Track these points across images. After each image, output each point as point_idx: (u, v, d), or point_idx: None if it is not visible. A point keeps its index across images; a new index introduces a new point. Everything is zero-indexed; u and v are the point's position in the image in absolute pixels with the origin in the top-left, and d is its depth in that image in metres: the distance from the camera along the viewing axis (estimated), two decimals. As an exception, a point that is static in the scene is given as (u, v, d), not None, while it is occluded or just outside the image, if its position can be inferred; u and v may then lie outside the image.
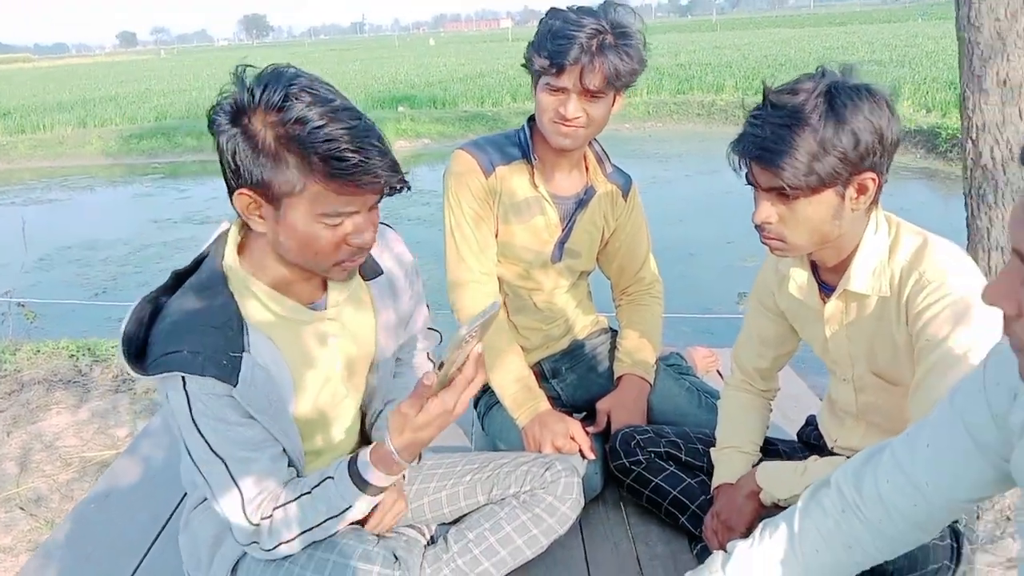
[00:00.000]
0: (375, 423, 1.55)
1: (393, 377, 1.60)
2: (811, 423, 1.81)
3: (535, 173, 1.93)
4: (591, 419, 2.06)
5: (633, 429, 1.87)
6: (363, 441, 1.57)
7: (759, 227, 1.36)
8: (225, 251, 1.31)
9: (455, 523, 1.60)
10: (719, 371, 2.67)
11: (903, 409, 1.39)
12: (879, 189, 1.33)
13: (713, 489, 1.69)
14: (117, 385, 3.73)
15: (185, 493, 1.67)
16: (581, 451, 1.88)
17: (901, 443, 1.09)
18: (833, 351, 1.52)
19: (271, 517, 1.32)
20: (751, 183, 1.35)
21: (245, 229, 1.32)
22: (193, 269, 1.33)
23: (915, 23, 36.77)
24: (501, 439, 2.01)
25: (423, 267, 1.68)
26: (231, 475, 1.28)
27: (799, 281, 1.51)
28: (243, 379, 1.23)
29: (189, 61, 54.56)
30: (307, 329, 1.36)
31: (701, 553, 1.68)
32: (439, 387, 1.21)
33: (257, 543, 1.34)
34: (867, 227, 1.37)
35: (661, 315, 2.19)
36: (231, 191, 1.22)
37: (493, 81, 20.03)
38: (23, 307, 5.03)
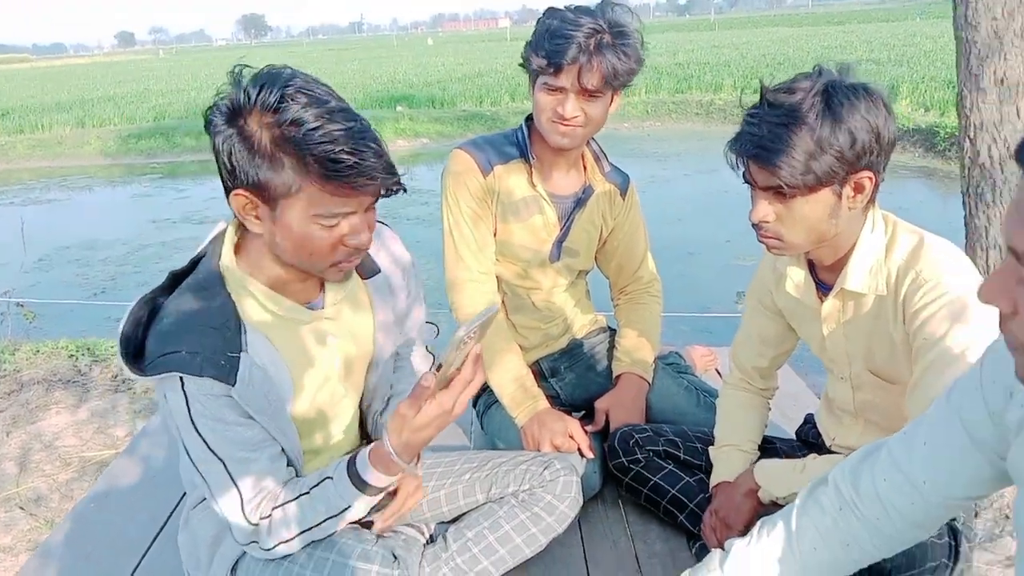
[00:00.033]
0: (377, 423, 1.55)
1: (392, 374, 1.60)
2: (809, 421, 1.82)
3: (533, 172, 1.93)
4: (590, 418, 2.06)
5: (632, 428, 1.87)
6: (362, 440, 1.57)
7: (756, 226, 1.37)
8: (222, 251, 1.31)
9: (454, 522, 1.60)
10: (718, 370, 2.67)
11: (900, 407, 1.39)
12: (876, 188, 1.33)
13: (711, 487, 1.69)
14: (116, 385, 3.73)
15: (184, 493, 1.67)
16: (580, 450, 1.88)
17: (898, 441, 1.09)
18: (830, 349, 1.53)
19: (270, 517, 1.32)
20: (748, 182, 1.35)
21: (242, 229, 1.32)
22: (190, 270, 1.33)
23: (913, 22, 36.77)
24: (500, 438, 2.02)
25: (423, 267, 1.68)
26: (230, 475, 1.28)
27: (796, 280, 1.51)
28: (241, 379, 1.23)
29: (187, 61, 54.49)
30: (305, 329, 1.36)
31: (700, 551, 1.69)
32: (437, 388, 1.21)
33: (256, 543, 1.34)
34: (864, 226, 1.38)
35: (660, 314, 2.19)
36: (227, 191, 1.22)
37: (491, 81, 20.01)
38: (22, 307, 5.02)
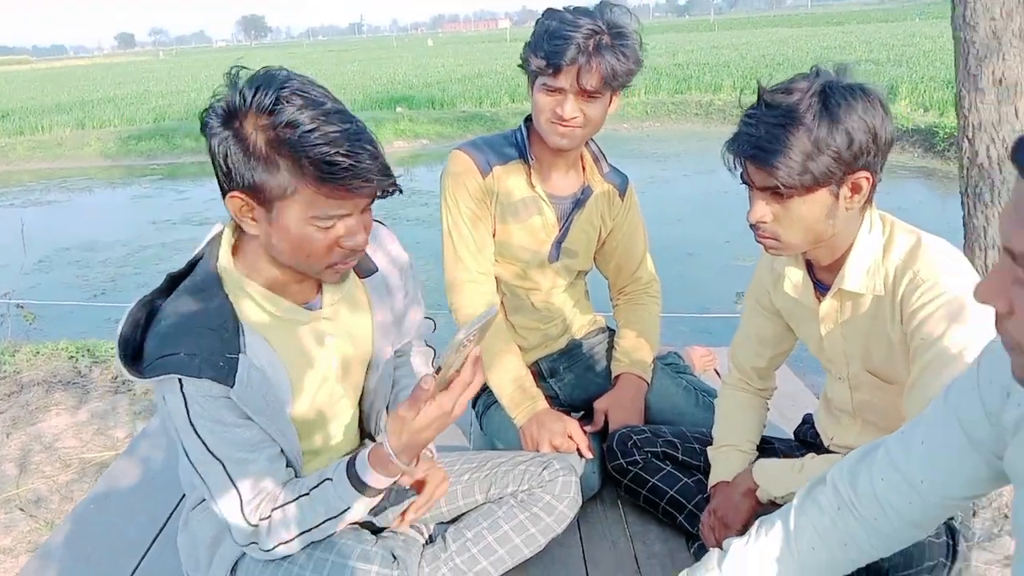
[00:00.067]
0: (380, 423, 1.56)
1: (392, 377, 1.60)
2: (808, 422, 1.82)
3: (532, 173, 1.93)
4: (589, 418, 2.06)
5: (630, 429, 1.88)
6: (362, 441, 1.58)
7: (754, 226, 1.37)
8: (219, 253, 1.31)
9: (453, 522, 1.60)
10: (716, 370, 2.67)
11: (898, 407, 1.39)
12: (873, 188, 1.33)
13: (710, 488, 1.69)
14: (116, 386, 3.73)
15: (184, 494, 1.67)
16: (579, 450, 1.88)
17: (896, 441, 1.09)
18: (828, 350, 1.53)
19: (269, 518, 1.32)
20: (746, 182, 1.35)
21: (239, 231, 1.32)
22: (187, 272, 1.33)
23: (912, 22, 36.79)
24: (499, 438, 2.02)
25: (422, 268, 1.69)
26: (229, 476, 1.28)
27: (794, 280, 1.52)
28: (240, 380, 1.23)
29: (187, 62, 54.52)
30: (303, 329, 1.36)
31: (698, 551, 1.69)
32: (437, 390, 1.21)
33: (256, 544, 1.34)
34: (861, 226, 1.38)
35: (658, 314, 2.20)
36: (224, 194, 1.22)
37: (491, 81, 20.00)
38: (22, 308, 5.02)
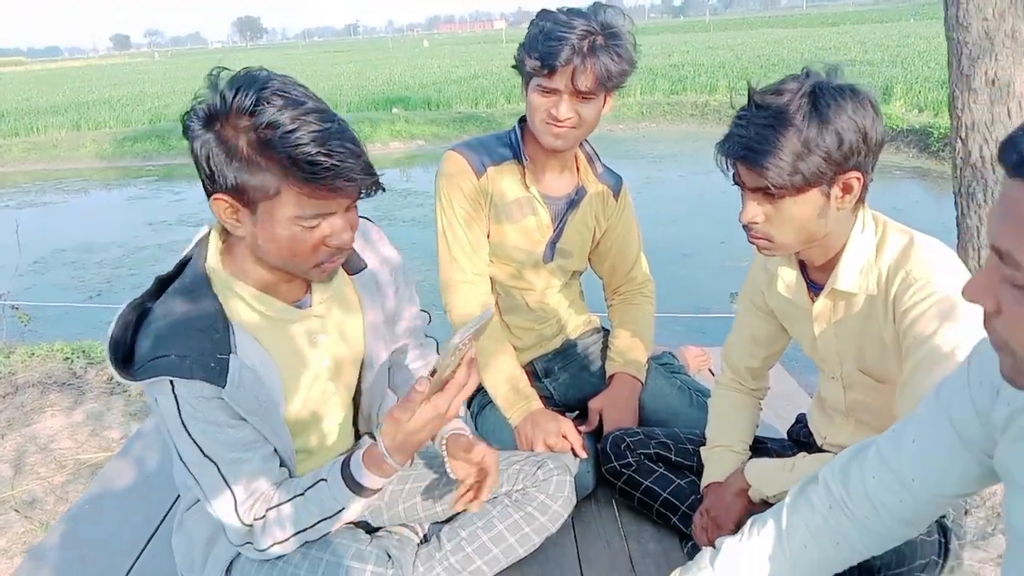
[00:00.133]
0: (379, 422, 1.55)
1: (388, 380, 1.60)
2: (801, 421, 1.82)
3: (526, 174, 1.93)
4: (583, 418, 2.07)
5: (623, 432, 1.88)
6: (356, 440, 1.58)
7: (746, 227, 1.38)
8: (207, 254, 1.31)
9: (448, 522, 1.60)
10: (711, 370, 2.68)
11: (892, 407, 1.39)
12: (864, 188, 1.34)
13: (703, 488, 1.70)
14: (112, 387, 3.72)
15: (178, 495, 1.67)
16: (573, 449, 1.88)
17: (887, 439, 1.10)
18: (822, 349, 1.53)
19: (264, 518, 1.32)
20: (738, 183, 1.36)
21: (226, 232, 1.32)
22: (176, 274, 1.33)
23: (907, 23, 36.85)
24: (494, 438, 2.01)
25: (418, 268, 1.69)
26: (223, 477, 1.28)
27: (787, 280, 1.52)
28: (231, 380, 1.23)
29: (183, 63, 54.39)
30: (293, 328, 1.36)
31: (692, 551, 1.69)
32: (432, 391, 1.22)
33: (251, 544, 1.34)
34: (854, 226, 1.38)
35: (653, 314, 2.20)
36: (208, 196, 1.21)
37: (487, 82, 20.00)
38: (17, 310, 5.01)
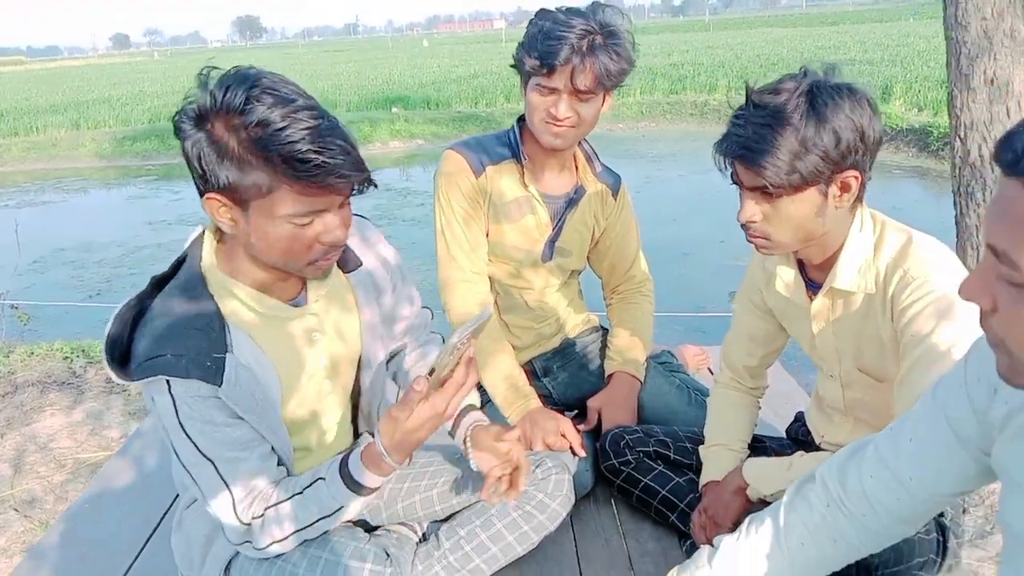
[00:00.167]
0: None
1: (386, 379, 1.61)
2: (800, 420, 1.83)
3: (525, 173, 1.94)
4: (582, 417, 2.07)
5: (622, 430, 1.88)
6: (354, 439, 1.58)
7: (744, 226, 1.38)
8: (203, 253, 1.31)
9: (446, 520, 1.60)
10: (710, 368, 2.68)
11: (890, 405, 1.40)
12: (862, 187, 1.34)
13: (701, 486, 1.70)
14: (111, 387, 3.72)
15: (177, 494, 1.67)
16: (572, 448, 1.89)
17: (884, 438, 1.10)
18: (820, 348, 1.54)
19: (262, 516, 1.32)
20: (736, 182, 1.36)
21: (220, 231, 1.32)
22: (172, 274, 1.33)
23: (907, 22, 36.86)
24: (493, 437, 2.02)
25: (418, 268, 1.69)
26: (220, 476, 1.28)
27: (786, 279, 1.52)
28: (228, 379, 1.23)
29: (183, 63, 54.31)
30: (289, 326, 1.36)
31: (690, 549, 1.69)
32: (430, 390, 1.22)
33: (249, 542, 1.34)
34: (852, 225, 1.39)
35: (651, 313, 2.21)
36: (201, 195, 1.21)
37: (487, 82, 19.99)
38: (17, 309, 5.01)
